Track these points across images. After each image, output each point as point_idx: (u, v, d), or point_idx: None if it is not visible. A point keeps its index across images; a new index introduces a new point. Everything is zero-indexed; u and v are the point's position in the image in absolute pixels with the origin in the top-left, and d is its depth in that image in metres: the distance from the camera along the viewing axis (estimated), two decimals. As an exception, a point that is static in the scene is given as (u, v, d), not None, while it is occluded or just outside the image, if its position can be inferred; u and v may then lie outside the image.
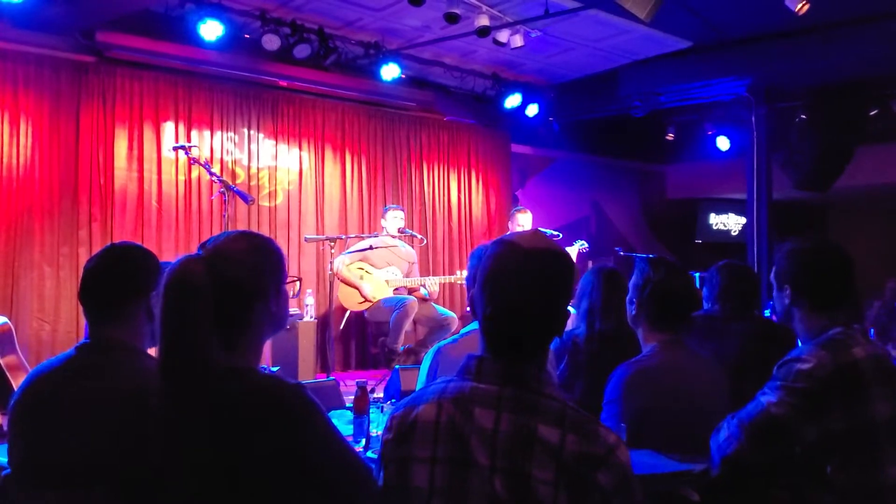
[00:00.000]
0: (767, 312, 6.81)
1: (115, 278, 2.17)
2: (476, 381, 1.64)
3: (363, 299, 7.01)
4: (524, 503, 1.51)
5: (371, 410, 2.87)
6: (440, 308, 7.27)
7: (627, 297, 2.82)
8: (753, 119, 8.74)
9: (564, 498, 1.50)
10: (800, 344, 2.45)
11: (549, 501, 1.50)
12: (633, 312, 2.77)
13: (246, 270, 1.77)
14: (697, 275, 7.36)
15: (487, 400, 1.60)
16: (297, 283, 1.96)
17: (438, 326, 6.98)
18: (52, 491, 1.99)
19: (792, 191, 8.98)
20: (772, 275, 2.51)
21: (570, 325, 4.17)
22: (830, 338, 2.30)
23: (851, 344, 2.27)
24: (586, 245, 7.66)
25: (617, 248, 9.04)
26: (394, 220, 7.27)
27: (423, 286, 7.13)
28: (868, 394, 2.23)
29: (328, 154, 8.17)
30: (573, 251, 7.55)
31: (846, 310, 2.40)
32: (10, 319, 5.32)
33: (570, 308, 1.72)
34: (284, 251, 1.96)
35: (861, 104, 8.60)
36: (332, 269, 6.76)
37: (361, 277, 7.03)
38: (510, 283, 1.64)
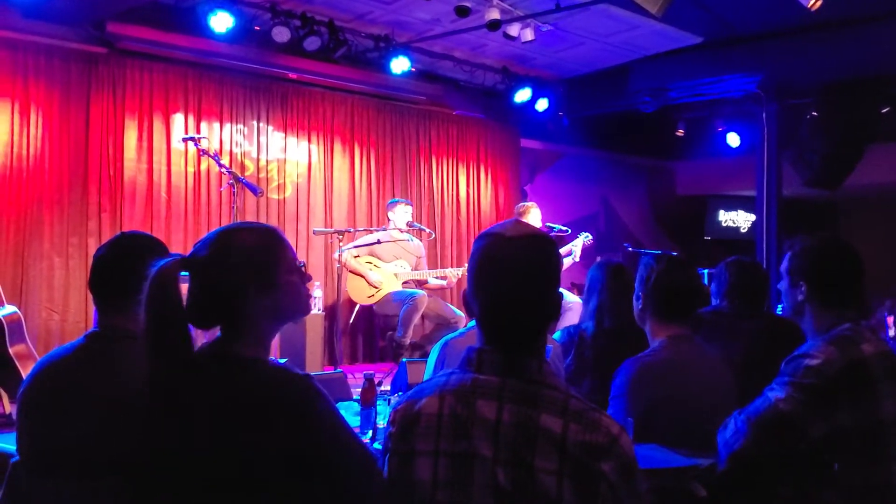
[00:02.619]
0: (780, 309, 6.78)
1: (124, 267, 2.16)
2: (477, 372, 1.64)
3: (372, 293, 7.02)
4: (528, 494, 1.51)
5: (378, 402, 2.88)
6: (450, 306, 7.29)
7: (634, 293, 2.82)
8: (764, 116, 8.69)
9: (568, 488, 1.50)
10: (808, 340, 2.45)
11: (553, 491, 1.50)
12: (640, 307, 2.77)
13: (226, 269, 1.76)
14: (706, 271, 7.35)
15: (489, 391, 1.60)
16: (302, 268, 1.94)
17: (446, 324, 6.99)
18: (61, 480, 2.00)
19: (802, 188, 8.94)
20: (783, 269, 2.50)
21: (577, 310, 4.18)
22: (839, 334, 2.30)
23: (860, 340, 2.27)
24: (590, 237, 7.64)
25: (626, 244, 9.04)
26: (403, 214, 7.27)
27: (450, 275, 7.20)
28: (876, 390, 2.22)
29: (337, 147, 8.17)
30: (578, 244, 7.53)
31: (855, 307, 2.40)
32: (19, 309, 5.35)
33: (562, 292, 1.72)
34: (293, 244, 1.94)
35: (873, 102, 8.54)
36: (339, 262, 6.76)
37: (370, 270, 7.05)
38: (497, 272, 1.66)
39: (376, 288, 7.02)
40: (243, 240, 1.82)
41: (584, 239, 7.58)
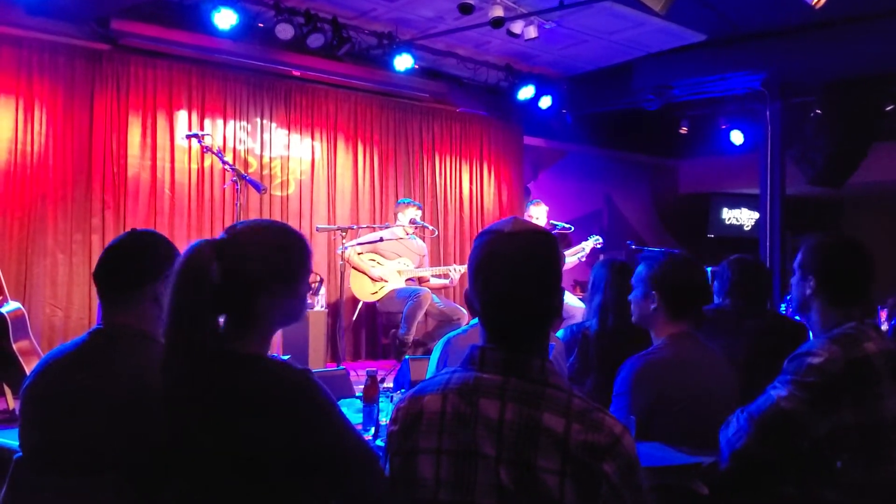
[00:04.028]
0: (783, 307, 6.78)
1: (130, 264, 2.17)
2: (480, 371, 1.63)
3: (375, 290, 7.02)
4: (530, 493, 1.51)
5: (380, 399, 2.88)
6: (453, 303, 7.29)
7: (638, 292, 2.81)
8: (768, 114, 8.68)
9: (571, 487, 1.49)
10: (811, 336, 2.45)
11: (556, 491, 1.49)
12: (642, 304, 2.75)
13: (253, 263, 1.77)
14: (709, 269, 7.35)
15: (492, 390, 1.59)
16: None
17: (448, 320, 6.99)
18: (63, 476, 2.00)
19: (805, 186, 8.93)
20: (795, 263, 2.50)
21: (580, 317, 4.17)
22: (842, 333, 2.29)
23: (863, 339, 2.26)
24: (601, 240, 7.65)
25: (629, 242, 9.03)
26: (412, 215, 7.23)
27: (452, 272, 7.19)
28: (879, 389, 2.22)
29: (340, 144, 8.17)
30: (587, 246, 7.55)
31: (862, 306, 2.40)
32: (23, 305, 5.36)
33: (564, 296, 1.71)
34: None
35: (877, 100, 8.53)
36: (343, 259, 6.76)
37: (373, 267, 7.05)
38: (498, 268, 1.65)
39: (380, 283, 7.02)
40: (285, 240, 1.85)
41: (594, 241, 7.60)
